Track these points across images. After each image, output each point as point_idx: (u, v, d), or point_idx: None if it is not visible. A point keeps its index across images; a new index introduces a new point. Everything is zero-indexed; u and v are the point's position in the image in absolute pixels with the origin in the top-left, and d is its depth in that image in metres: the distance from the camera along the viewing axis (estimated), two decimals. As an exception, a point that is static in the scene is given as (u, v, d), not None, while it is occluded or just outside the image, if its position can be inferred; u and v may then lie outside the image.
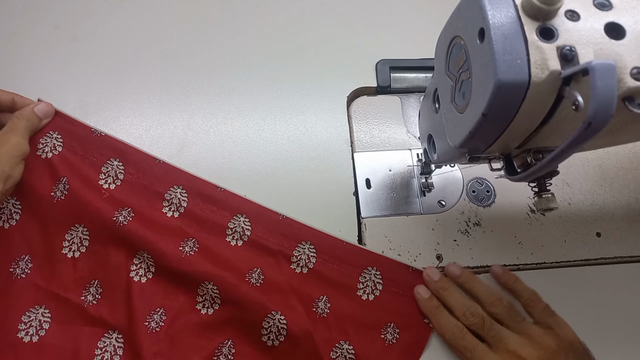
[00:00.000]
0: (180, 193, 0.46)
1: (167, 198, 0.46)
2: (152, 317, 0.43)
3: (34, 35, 0.55)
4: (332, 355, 0.43)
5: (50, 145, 0.45)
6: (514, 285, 0.45)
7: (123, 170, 0.46)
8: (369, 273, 0.46)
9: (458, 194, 0.50)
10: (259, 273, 0.45)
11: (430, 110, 0.41)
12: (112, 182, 0.46)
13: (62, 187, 0.44)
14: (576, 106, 0.25)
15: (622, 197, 0.51)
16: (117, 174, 0.46)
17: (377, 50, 0.56)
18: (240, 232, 0.46)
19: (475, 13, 0.28)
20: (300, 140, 0.52)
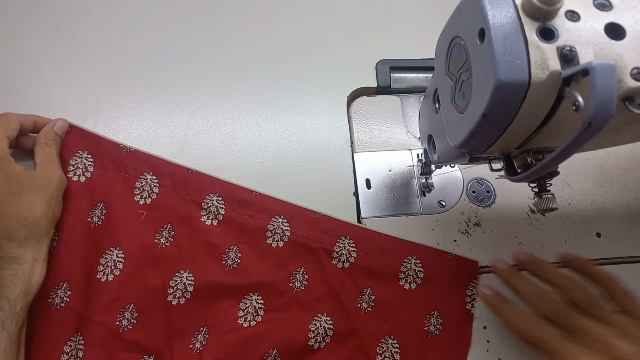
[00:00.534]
0: (217, 200, 0.46)
1: (205, 207, 0.46)
2: (196, 337, 0.43)
3: (34, 35, 0.55)
4: (379, 350, 0.43)
5: (81, 167, 0.46)
6: (587, 268, 0.40)
7: (158, 184, 0.46)
8: (409, 262, 0.46)
9: (458, 194, 0.50)
10: (303, 272, 0.45)
11: (431, 111, 0.41)
12: (147, 197, 0.46)
13: (99, 212, 0.45)
14: (576, 106, 0.25)
15: (622, 197, 0.51)
16: (152, 188, 0.46)
17: (377, 51, 0.56)
18: (280, 234, 0.46)
19: (475, 13, 0.28)
20: (300, 140, 0.52)
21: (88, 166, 0.46)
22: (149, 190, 0.46)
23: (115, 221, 0.45)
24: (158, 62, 0.54)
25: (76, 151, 0.46)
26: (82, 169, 0.46)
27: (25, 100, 0.51)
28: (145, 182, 0.46)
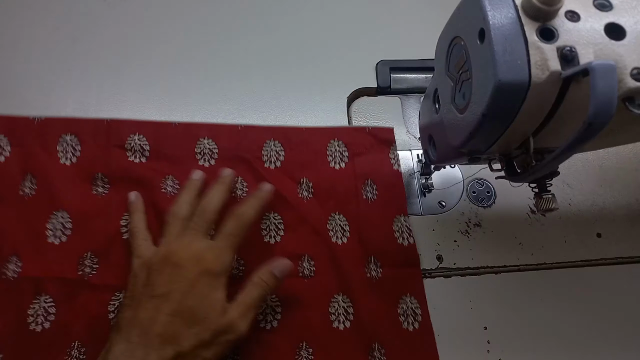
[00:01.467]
0: (139, 139, 0.48)
1: (128, 147, 0.48)
2: None
3: (34, 35, 0.55)
4: (329, 227, 0.47)
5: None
6: None
7: (78, 141, 0.48)
8: (332, 145, 0.50)
9: (458, 195, 0.50)
10: (241, 181, 0.48)
11: (431, 111, 0.41)
12: (72, 156, 0.47)
13: (28, 183, 0.46)
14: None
15: (623, 197, 0.51)
16: (74, 147, 0.48)
17: (377, 51, 0.56)
18: (209, 153, 0.49)
19: (475, 13, 0.28)
20: (300, 140, 0.52)
21: (5, 146, 0.47)
22: (71, 150, 0.47)
23: (50, 187, 0.46)
24: (158, 62, 0.55)
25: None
26: None
27: (26, 100, 0.51)
28: (65, 144, 0.47)
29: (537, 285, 0.47)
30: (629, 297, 0.47)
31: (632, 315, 0.47)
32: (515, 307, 0.46)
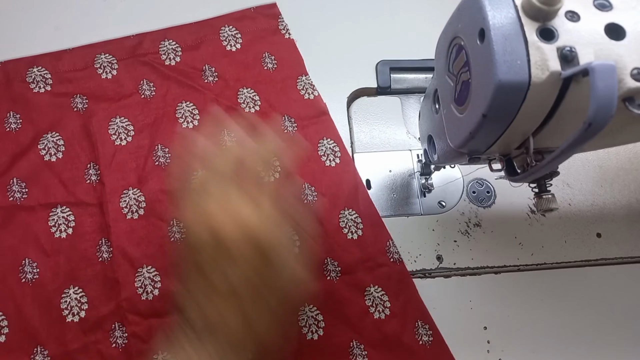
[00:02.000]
0: (37, 70, 0.51)
1: (30, 80, 0.50)
2: (87, 173, 0.48)
3: (34, 35, 0.55)
4: (239, 100, 0.51)
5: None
6: None
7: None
8: (224, 30, 0.55)
9: (458, 195, 0.50)
10: (147, 82, 0.51)
11: (431, 111, 0.41)
12: None
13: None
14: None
15: (623, 197, 0.51)
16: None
17: (377, 51, 0.56)
18: (108, 66, 0.52)
19: (475, 13, 0.28)
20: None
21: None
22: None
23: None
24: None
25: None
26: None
27: (25, 100, 0.51)
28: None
29: (537, 285, 0.47)
30: (629, 297, 0.47)
31: (632, 315, 0.47)
32: (515, 307, 0.46)
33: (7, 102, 0.50)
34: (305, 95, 0.52)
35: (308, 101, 0.52)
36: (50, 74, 0.51)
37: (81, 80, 0.51)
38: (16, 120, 0.49)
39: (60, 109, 0.50)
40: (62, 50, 0.52)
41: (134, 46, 0.53)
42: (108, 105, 0.50)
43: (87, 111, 0.50)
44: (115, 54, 0.52)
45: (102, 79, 0.51)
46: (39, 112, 0.49)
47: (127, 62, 0.52)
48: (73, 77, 0.51)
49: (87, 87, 0.51)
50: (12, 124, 0.49)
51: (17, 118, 0.49)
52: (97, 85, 0.51)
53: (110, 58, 0.52)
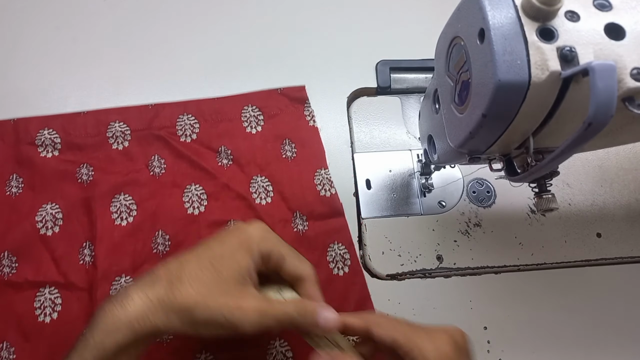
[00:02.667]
0: (48, 133, 0.49)
1: (39, 143, 0.48)
2: (82, 253, 0.45)
3: (34, 35, 0.55)
4: (252, 190, 0.48)
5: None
6: None
7: None
8: (247, 111, 0.51)
9: (458, 195, 0.50)
10: (158, 158, 0.49)
11: (431, 111, 0.41)
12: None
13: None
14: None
15: (623, 197, 0.51)
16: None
17: (377, 51, 0.56)
18: (122, 136, 0.49)
19: (475, 13, 0.28)
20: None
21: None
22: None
23: None
24: (158, 62, 0.54)
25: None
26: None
27: (26, 100, 0.52)
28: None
29: (537, 285, 0.47)
30: (629, 297, 0.47)
31: (632, 315, 0.47)
32: (515, 307, 0.46)
33: (13, 163, 0.48)
34: (322, 191, 0.48)
35: (324, 198, 0.48)
36: (60, 138, 0.48)
37: (90, 149, 0.48)
38: (18, 184, 0.47)
39: (64, 178, 0.47)
40: (76, 113, 0.50)
41: (151, 118, 0.50)
42: (114, 179, 0.47)
43: (91, 184, 0.47)
44: (130, 124, 0.49)
45: (113, 149, 0.49)
46: (43, 180, 0.47)
47: (141, 135, 0.49)
48: (83, 144, 0.48)
49: (95, 156, 0.48)
50: (13, 188, 0.47)
51: (19, 182, 0.47)
52: (106, 155, 0.48)
53: (124, 128, 0.49)
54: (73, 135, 0.49)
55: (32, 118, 0.49)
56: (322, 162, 0.50)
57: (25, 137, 0.48)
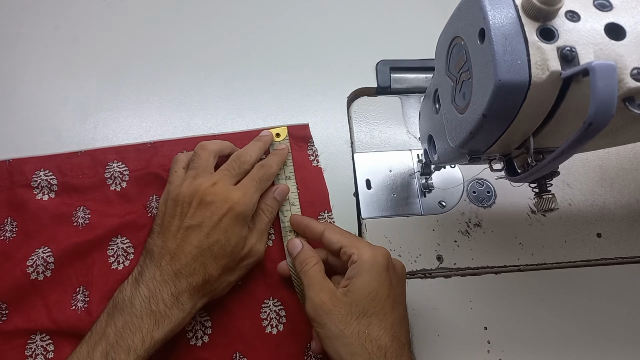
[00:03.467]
0: (44, 174, 0.47)
1: (35, 185, 0.47)
2: (75, 298, 0.44)
3: (34, 35, 0.55)
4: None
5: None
6: None
7: None
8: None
9: (458, 195, 0.50)
10: (157, 199, 0.47)
11: (431, 111, 0.41)
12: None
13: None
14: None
15: (623, 197, 0.51)
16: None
17: (377, 51, 0.56)
18: (120, 177, 0.48)
19: (475, 13, 0.28)
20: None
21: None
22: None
23: None
24: (158, 62, 0.54)
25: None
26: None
27: (26, 100, 0.52)
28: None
29: (537, 285, 0.47)
30: (629, 297, 0.47)
31: (632, 315, 0.47)
32: (515, 307, 0.46)
33: (7, 206, 0.46)
34: None
35: None
36: (57, 180, 0.47)
37: (87, 190, 0.47)
38: (12, 228, 0.45)
39: (60, 222, 0.46)
40: (73, 152, 0.48)
41: (149, 157, 0.48)
42: (111, 221, 0.46)
43: (87, 227, 0.46)
44: (129, 164, 0.48)
45: (110, 190, 0.47)
46: (37, 224, 0.45)
47: (139, 175, 0.48)
48: (80, 185, 0.47)
49: (92, 198, 0.47)
50: (7, 232, 0.45)
51: (13, 226, 0.45)
52: (103, 197, 0.47)
53: (123, 168, 0.48)
54: (70, 176, 0.47)
55: (28, 159, 0.47)
56: (325, 204, 0.48)
57: (20, 179, 0.47)
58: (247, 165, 0.44)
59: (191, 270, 0.39)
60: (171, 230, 0.40)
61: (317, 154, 0.50)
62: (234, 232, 0.40)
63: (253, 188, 0.42)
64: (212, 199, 0.40)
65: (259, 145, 0.47)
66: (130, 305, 0.38)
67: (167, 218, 0.41)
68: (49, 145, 0.50)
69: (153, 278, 0.39)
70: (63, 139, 0.50)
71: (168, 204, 0.42)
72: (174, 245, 0.39)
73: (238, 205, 0.40)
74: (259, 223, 0.44)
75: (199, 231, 0.39)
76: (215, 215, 0.40)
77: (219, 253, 0.40)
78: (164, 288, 0.38)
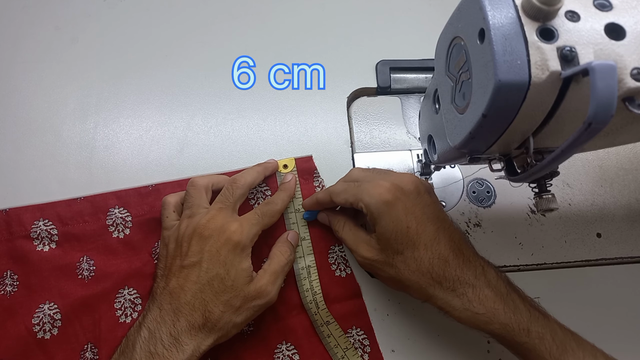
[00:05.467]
0: (44, 224, 0.45)
1: (34, 236, 0.45)
2: (84, 356, 0.42)
3: (34, 35, 0.55)
4: None
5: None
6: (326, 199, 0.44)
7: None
8: (255, 188, 0.47)
9: (458, 195, 0.50)
10: None
11: (431, 111, 0.41)
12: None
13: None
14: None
15: (623, 197, 0.51)
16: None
17: (377, 51, 0.56)
18: (122, 223, 0.46)
19: (475, 13, 0.28)
20: (301, 141, 0.52)
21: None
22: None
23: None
24: (158, 62, 0.54)
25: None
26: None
27: (26, 100, 0.52)
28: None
29: (537, 285, 0.47)
30: (629, 297, 0.47)
31: (632, 315, 0.47)
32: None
33: (6, 258, 0.44)
34: (337, 271, 0.46)
35: (339, 279, 0.45)
36: (57, 229, 0.45)
37: (90, 239, 0.45)
38: (13, 282, 0.44)
39: (64, 275, 0.44)
40: (72, 199, 0.46)
41: (152, 201, 0.46)
42: (117, 272, 0.44)
43: (93, 279, 0.44)
44: (131, 210, 0.46)
45: (113, 237, 0.45)
46: (40, 277, 0.44)
47: (142, 220, 0.46)
48: (81, 234, 0.45)
49: (94, 246, 0.45)
50: (7, 287, 0.44)
51: (14, 279, 0.44)
52: (106, 245, 0.45)
53: (125, 214, 0.46)
54: (70, 225, 0.45)
55: (25, 208, 0.46)
56: (335, 238, 0.46)
57: (19, 229, 0.45)
58: (242, 190, 0.43)
59: (191, 307, 0.37)
60: (173, 270, 0.39)
61: (323, 185, 0.49)
62: (232, 264, 0.39)
63: (253, 220, 0.42)
64: (209, 233, 0.39)
65: (257, 169, 0.46)
66: (132, 350, 0.36)
67: (169, 260, 0.40)
68: (49, 145, 0.50)
69: (154, 319, 0.37)
70: (63, 139, 0.50)
71: (169, 246, 0.41)
72: (175, 284, 0.38)
73: (235, 235, 0.39)
74: (273, 264, 0.42)
75: (198, 267, 0.39)
76: (214, 247, 0.39)
77: (219, 288, 0.38)
78: (162, 328, 0.37)
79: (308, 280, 0.45)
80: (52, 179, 0.48)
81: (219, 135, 0.51)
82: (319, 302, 0.44)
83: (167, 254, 0.41)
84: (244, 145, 0.51)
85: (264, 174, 0.46)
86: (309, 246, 0.46)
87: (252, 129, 0.52)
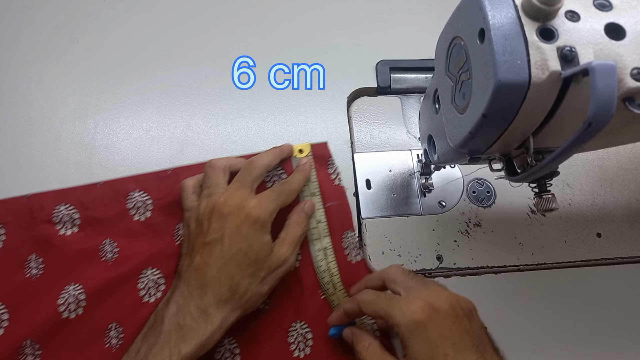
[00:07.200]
0: (65, 209, 0.46)
1: (56, 220, 0.45)
2: (109, 335, 0.43)
3: (34, 35, 0.55)
4: None
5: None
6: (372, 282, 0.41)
7: (1, 225, 0.45)
8: (271, 171, 0.47)
9: (458, 195, 0.50)
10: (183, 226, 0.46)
11: (431, 111, 0.41)
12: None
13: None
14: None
15: (623, 197, 0.51)
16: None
17: (377, 51, 0.56)
18: (143, 206, 0.46)
19: (475, 13, 0.28)
20: (301, 140, 0.51)
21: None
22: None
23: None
24: (158, 62, 0.55)
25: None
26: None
27: (25, 100, 0.52)
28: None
29: (537, 285, 0.47)
30: (629, 297, 0.47)
31: (632, 315, 0.47)
32: (515, 307, 0.46)
33: (31, 243, 0.45)
34: (349, 257, 0.46)
35: (351, 265, 0.46)
36: (79, 213, 0.46)
37: (111, 222, 0.46)
38: (38, 265, 0.44)
39: (88, 257, 0.45)
40: (92, 184, 0.47)
41: (171, 184, 0.47)
42: (141, 253, 0.45)
43: (116, 261, 0.45)
44: (151, 193, 0.47)
45: (134, 221, 0.46)
46: (64, 260, 0.44)
47: (163, 203, 0.46)
48: (102, 218, 0.46)
49: (117, 230, 0.46)
50: (32, 269, 0.44)
51: (39, 262, 0.44)
52: (127, 228, 0.46)
53: (145, 197, 0.46)
54: (91, 209, 0.46)
55: (46, 193, 0.46)
56: (348, 224, 0.47)
57: (41, 214, 0.45)
58: (259, 170, 0.43)
59: (218, 282, 0.39)
60: (195, 248, 0.40)
61: (338, 172, 0.49)
62: (255, 238, 0.40)
63: (271, 197, 0.42)
64: (228, 211, 0.40)
65: (274, 152, 0.46)
66: (160, 323, 0.38)
67: (192, 239, 0.41)
68: (49, 145, 0.50)
69: (182, 295, 0.39)
70: (63, 139, 0.50)
71: (191, 226, 0.42)
72: (199, 261, 0.39)
73: (254, 211, 0.40)
74: (291, 235, 0.43)
75: (220, 243, 0.39)
76: (234, 224, 0.40)
77: (243, 262, 0.39)
78: (190, 302, 0.38)
79: (325, 262, 0.46)
80: (52, 179, 0.48)
81: (219, 135, 0.51)
82: (337, 284, 0.45)
83: (189, 233, 0.42)
84: (244, 145, 0.51)
85: (280, 157, 0.47)
86: (325, 228, 0.47)
87: (252, 129, 0.52)
